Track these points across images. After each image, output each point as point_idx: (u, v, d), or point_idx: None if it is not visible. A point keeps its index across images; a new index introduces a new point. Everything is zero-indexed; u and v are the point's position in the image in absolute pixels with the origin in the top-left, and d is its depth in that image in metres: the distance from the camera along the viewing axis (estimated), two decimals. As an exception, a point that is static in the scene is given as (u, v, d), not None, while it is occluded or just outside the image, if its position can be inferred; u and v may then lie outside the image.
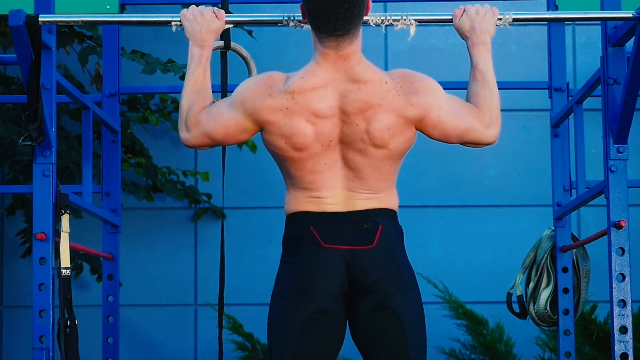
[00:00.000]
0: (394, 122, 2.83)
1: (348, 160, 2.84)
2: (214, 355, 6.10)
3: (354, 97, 2.82)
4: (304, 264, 2.82)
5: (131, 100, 6.01)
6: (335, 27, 2.79)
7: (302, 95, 2.82)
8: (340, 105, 2.82)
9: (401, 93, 2.84)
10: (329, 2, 2.76)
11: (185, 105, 2.95)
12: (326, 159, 2.84)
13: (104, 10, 4.02)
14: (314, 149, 2.82)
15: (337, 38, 2.81)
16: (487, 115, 2.95)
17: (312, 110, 2.81)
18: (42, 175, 3.52)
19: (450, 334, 5.86)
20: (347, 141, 2.83)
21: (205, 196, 6.13)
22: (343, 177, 2.85)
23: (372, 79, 2.85)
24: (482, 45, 3.03)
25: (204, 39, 3.02)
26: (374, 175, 2.85)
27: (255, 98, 2.84)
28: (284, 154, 2.85)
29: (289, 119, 2.81)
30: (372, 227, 2.83)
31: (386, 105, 2.82)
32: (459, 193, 6.25)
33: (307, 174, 2.84)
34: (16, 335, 6.23)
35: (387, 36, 6.34)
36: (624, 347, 3.49)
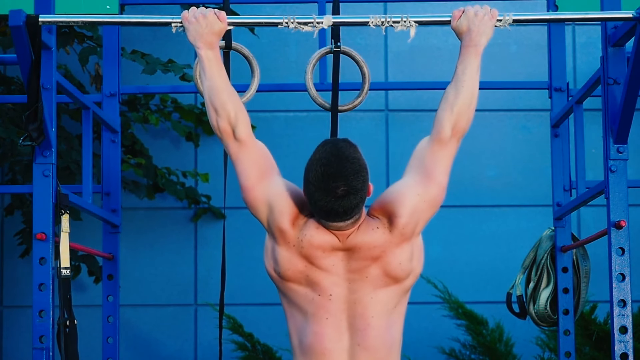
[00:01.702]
0: (403, 253, 2.85)
1: (354, 319, 2.83)
2: (214, 355, 6.11)
3: (357, 257, 2.83)
4: None
5: (131, 101, 6.01)
6: (335, 219, 2.79)
7: (310, 247, 2.82)
8: (345, 265, 2.84)
9: (392, 228, 2.84)
10: (328, 202, 2.74)
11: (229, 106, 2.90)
12: (328, 313, 2.83)
13: (104, 11, 4.02)
14: (309, 294, 2.83)
15: (338, 223, 2.81)
16: (444, 130, 2.90)
17: (312, 261, 2.83)
18: (42, 175, 3.52)
19: (450, 334, 5.87)
20: (354, 297, 2.83)
21: (204, 197, 6.13)
22: (348, 349, 2.83)
23: (365, 237, 2.83)
24: (472, 48, 3.01)
25: (210, 41, 3.00)
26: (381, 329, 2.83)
27: (283, 214, 2.84)
28: (274, 277, 2.88)
29: (289, 253, 2.83)
30: None
31: (389, 248, 2.83)
32: (459, 193, 6.25)
33: (309, 333, 2.83)
34: (16, 335, 6.23)
35: (387, 36, 6.34)
36: (624, 347, 3.49)
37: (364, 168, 2.77)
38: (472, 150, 6.14)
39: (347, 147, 2.77)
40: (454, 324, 5.78)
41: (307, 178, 2.77)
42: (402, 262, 2.84)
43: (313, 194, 2.75)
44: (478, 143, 6.23)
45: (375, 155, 6.22)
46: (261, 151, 2.93)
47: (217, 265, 6.06)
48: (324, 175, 2.73)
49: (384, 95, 6.32)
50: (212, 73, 2.94)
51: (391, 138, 6.31)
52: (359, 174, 2.75)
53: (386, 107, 6.35)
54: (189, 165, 6.24)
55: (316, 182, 2.74)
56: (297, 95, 5.82)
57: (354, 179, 2.74)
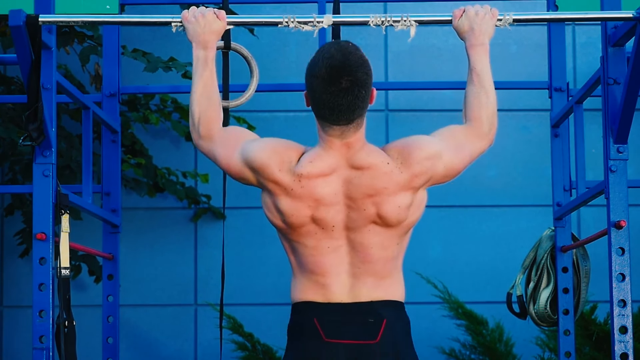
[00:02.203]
0: (404, 199, 2.82)
1: (354, 244, 2.83)
2: (214, 355, 6.11)
3: (357, 182, 2.81)
4: (306, 356, 2.80)
5: (131, 101, 6.01)
6: (338, 117, 2.77)
7: (308, 181, 2.80)
8: (345, 191, 2.81)
9: (404, 169, 2.82)
10: (332, 94, 2.74)
11: (196, 111, 2.94)
12: (329, 242, 2.82)
13: (104, 10, 4.02)
14: (312, 229, 2.82)
15: (342, 127, 2.80)
16: (483, 126, 2.96)
17: (315, 197, 2.80)
18: (42, 175, 3.52)
19: (450, 334, 5.86)
20: (353, 225, 2.82)
21: (204, 197, 6.13)
22: (348, 263, 2.83)
23: (375, 162, 2.82)
24: (480, 47, 3.03)
25: (207, 40, 3.01)
26: (381, 257, 2.83)
27: (266, 167, 2.83)
28: (280, 227, 2.86)
29: (290, 199, 2.81)
30: (376, 321, 2.81)
31: (392, 187, 2.81)
32: (459, 193, 6.25)
33: (310, 255, 2.83)
34: (16, 335, 6.24)
35: (387, 36, 6.34)
36: (624, 347, 3.49)
37: (368, 63, 2.77)
38: (472, 150, 6.12)
39: (351, 45, 2.78)
40: (454, 324, 5.78)
41: (312, 73, 2.76)
42: (400, 205, 2.81)
43: (317, 88, 2.75)
44: (478, 143, 6.22)
45: (375, 155, 6.21)
46: (226, 133, 2.94)
47: (217, 265, 6.06)
48: (329, 67, 2.73)
49: (384, 95, 6.32)
50: (195, 74, 2.98)
51: (391, 138, 6.31)
52: (363, 66, 2.75)
53: (386, 107, 6.35)
54: (189, 165, 6.24)
55: (321, 75, 2.73)
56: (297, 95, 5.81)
57: (359, 71, 2.74)
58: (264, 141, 2.89)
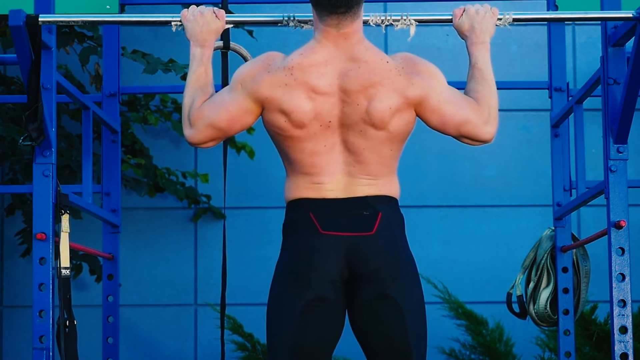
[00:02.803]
0: (395, 102, 2.82)
1: (348, 143, 2.83)
2: (214, 355, 6.10)
3: (354, 75, 2.81)
4: (303, 251, 2.80)
5: (131, 101, 6.01)
6: (337, 3, 2.78)
7: (301, 71, 2.81)
8: (340, 84, 2.82)
9: (402, 73, 2.83)
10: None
11: (187, 103, 2.96)
12: (326, 140, 2.83)
13: (104, 10, 4.02)
14: (313, 128, 2.81)
15: (339, 16, 2.80)
16: (485, 110, 2.96)
17: (310, 86, 2.81)
18: (42, 175, 3.52)
19: (450, 334, 5.86)
20: (347, 122, 2.82)
21: (204, 197, 6.13)
22: (343, 162, 2.85)
23: (373, 57, 2.83)
24: (481, 45, 3.04)
25: (205, 38, 3.03)
26: (374, 159, 2.84)
27: (254, 76, 2.85)
28: (284, 133, 2.84)
29: (289, 94, 2.81)
30: (372, 214, 2.82)
31: (387, 84, 2.81)
32: (459, 193, 6.25)
33: (306, 157, 2.83)
34: (16, 335, 6.23)
35: (387, 36, 6.34)
36: (624, 347, 3.49)
37: None
38: (471, 151, 6.13)
39: None
40: (454, 324, 5.78)
41: None
42: (391, 107, 2.81)
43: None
44: (478, 143, 6.22)
45: (375, 155, 6.22)
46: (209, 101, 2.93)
47: (217, 265, 6.07)
48: None
49: (384, 95, 6.31)
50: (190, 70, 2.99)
51: (391, 138, 6.31)
52: None
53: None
54: (189, 165, 6.24)
55: None
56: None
57: None
58: (241, 66, 2.91)
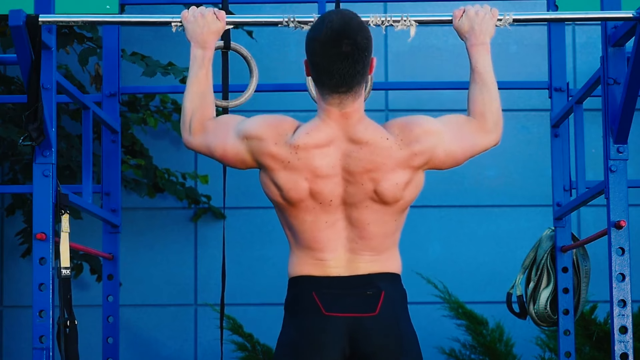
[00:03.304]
0: (402, 177, 2.81)
1: (352, 220, 2.82)
2: (214, 355, 6.11)
3: (356, 156, 2.80)
4: (306, 332, 2.79)
5: (131, 102, 6.01)
6: (338, 83, 2.77)
7: (305, 152, 2.79)
8: (342, 165, 2.81)
9: (403, 146, 2.82)
10: (332, 58, 2.74)
11: (188, 108, 2.95)
12: (327, 217, 2.82)
13: (104, 11, 4.02)
14: (310, 204, 2.81)
15: (340, 95, 2.79)
16: (488, 122, 2.95)
17: (312, 168, 2.79)
18: (42, 175, 3.52)
19: (450, 334, 5.87)
20: (351, 200, 2.81)
21: (204, 197, 6.13)
22: (345, 238, 2.83)
23: (373, 137, 2.81)
24: (481, 46, 3.03)
25: (206, 40, 3.02)
26: (378, 233, 2.83)
27: (261, 140, 2.82)
28: (279, 202, 2.85)
29: (288, 172, 2.80)
30: (374, 293, 2.81)
31: (391, 163, 2.80)
32: (459, 193, 6.25)
33: (307, 231, 2.83)
34: (16, 335, 6.23)
35: (387, 36, 6.34)
36: (624, 347, 3.49)
37: (369, 30, 2.77)
38: (472, 150, 6.12)
39: (352, 12, 2.79)
40: (454, 324, 5.78)
41: (312, 37, 2.77)
42: (398, 183, 2.80)
43: (317, 52, 2.76)
44: (478, 143, 6.23)
45: (375, 155, 6.22)
46: (217, 122, 2.92)
47: (217, 265, 6.06)
48: (330, 30, 2.73)
49: (384, 95, 6.32)
50: (190, 72, 2.98)
51: (391, 138, 6.31)
52: (364, 31, 2.75)
53: (386, 107, 6.35)
54: (189, 165, 6.24)
55: (321, 38, 2.74)
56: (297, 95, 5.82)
57: (359, 35, 2.74)
58: (257, 118, 2.87)
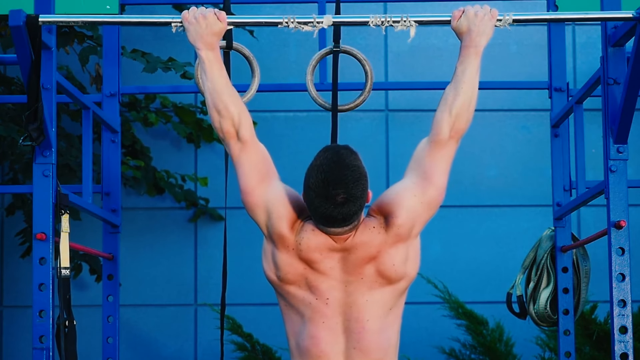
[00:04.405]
0: (398, 254, 2.85)
1: (350, 322, 2.84)
2: (214, 355, 6.10)
3: (354, 257, 2.84)
4: None
5: (132, 103, 6.01)
6: (334, 225, 2.81)
7: (308, 249, 2.85)
8: (342, 267, 2.85)
9: (388, 228, 2.86)
10: (328, 208, 2.77)
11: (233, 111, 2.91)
12: (324, 317, 2.85)
13: (104, 11, 4.02)
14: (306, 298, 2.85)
15: (336, 229, 2.83)
16: (442, 131, 2.92)
17: (312, 264, 2.85)
18: (42, 175, 3.52)
19: (450, 334, 5.86)
20: (349, 300, 2.85)
21: (203, 200, 6.12)
22: (343, 351, 2.85)
23: (364, 232, 2.85)
24: (472, 49, 3.01)
25: (210, 41, 3.00)
26: (375, 331, 2.84)
27: (281, 222, 2.87)
28: (274, 282, 2.89)
29: (289, 256, 2.85)
30: None
31: (383, 249, 2.84)
32: (459, 193, 6.25)
33: (305, 330, 2.85)
34: (16, 335, 6.23)
35: (387, 36, 6.34)
36: (624, 347, 3.49)
37: (364, 176, 2.79)
38: (472, 150, 6.14)
39: (348, 155, 2.79)
40: (454, 324, 5.78)
41: (307, 184, 2.79)
42: (395, 263, 2.85)
43: (313, 200, 2.78)
44: (478, 143, 6.23)
45: (375, 156, 6.22)
46: (262, 155, 2.94)
47: (217, 266, 6.07)
48: (324, 181, 2.75)
49: (384, 95, 6.32)
50: (212, 74, 2.94)
51: (391, 138, 6.31)
52: (358, 181, 2.77)
53: (386, 107, 6.35)
54: (189, 167, 6.24)
55: (316, 189, 2.76)
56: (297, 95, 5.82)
57: (354, 187, 2.76)
58: (290, 193, 2.89)
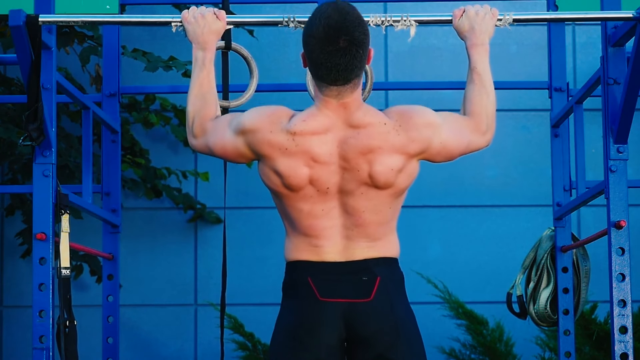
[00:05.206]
0: (397, 162, 2.82)
1: (347, 207, 2.83)
2: (214, 355, 6.10)
3: (354, 142, 2.81)
4: (302, 317, 2.83)
5: (132, 104, 6.01)
6: (336, 77, 2.78)
7: (302, 138, 2.81)
8: (340, 152, 2.82)
9: (401, 132, 2.83)
10: (330, 54, 2.74)
11: (191, 111, 2.97)
12: (323, 204, 2.83)
13: (104, 10, 4.02)
14: (309, 192, 2.82)
15: (339, 87, 2.80)
16: (484, 123, 2.98)
17: (311, 155, 2.80)
18: (42, 175, 3.52)
19: (450, 334, 5.87)
20: (347, 188, 2.82)
21: (200, 205, 6.12)
22: (341, 225, 2.84)
23: (371, 122, 2.82)
24: (480, 47, 3.03)
25: (206, 40, 3.02)
26: (373, 220, 2.84)
27: (257, 131, 2.84)
28: (279, 191, 2.85)
29: (287, 159, 2.81)
30: (370, 279, 2.82)
31: (387, 147, 2.81)
32: (459, 193, 6.25)
33: (304, 218, 2.84)
34: (16, 335, 6.23)
35: (387, 36, 6.34)
36: (624, 347, 3.49)
37: (366, 24, 2.78)
38: (472, 150, 6.12)
39: (348, 5, 2.79)
40: (454, 324, 5.78)
41: (309, 33, 2.76)
42: (393, 168, 2.81)
43: (314, 48, 2.75)
44: (478, 143, 6.23)
45: (375, 155, 6.22)
46: (216, 121, 2.93)
47: (217, 265, 6.07)
48: (326, 27, 2.73)
49: (384, 95, 6.32)
50: (192, 74, 2.99)
51: (391, 138, 6.31)
52: (361, 26, 2.76)
53: (386, 107, 6.33)
54: (188, 169, 6.23)
55: (318, 35, 2.74)
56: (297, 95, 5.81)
57: (357, 31, 2.74)
58: (250, 110, 2.89)
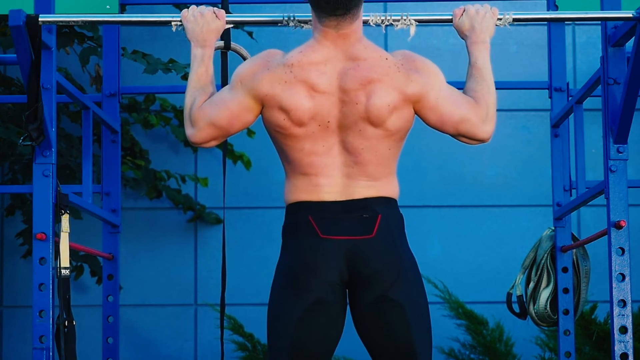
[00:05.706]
0: (393, 99, 2.82)
1: (346, 144, 2.84)
2: (214, 355, 6.10)
3: (353, 73, 2.82)
4: (302, 255, 2.81)
5: (132, 105, 6.01)
6: (335, 6, 2.79)
7: (300, 69, 2.82)
8: (339, 83, 2.82)
9: (402, 70, 2.85)
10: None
11: (188, 102, 2.97)
12: (324, 141, 2.83)
13: (104, 10, 4.02)
14: (311, 127, 2.82)
15: (338, 17, 2.82)
16: (484, 109, 2.97)
17: (310, 84, 2.81)
18: (42, 175, 3.52)
19: (450, 334, 5.86)
20: (346, 123, 2.82)
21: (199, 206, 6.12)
22: (342, 163, 2.85)
23: (372, 55, 2.85)
24: (481, 44, 3.04)
25: (205, 38, 3.04)
26: (372, 159, 2.85)
27: (253, 73, 2.86)
28: (284, 132, 2.85)
29: (288, 91, 2.82)
30: (371, 217, 2.83)
31: (386, 81, 2.82)
32: (459, 193, 6.25)
33: (305, 156, 2.84)
34: (16, 335, 6.23)
35: (387, 36, 6.34)
36: (624, 347, 3.49)
37: None
38: (472, 150, 6.13)
39: None
40: (454, 324, 5.78)
41: None
42: (389, 104, 2.82)
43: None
44: (478, 143, 6.23)
45: (375, 155, 6.22)
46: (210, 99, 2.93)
47: (217, 266, 6.07)
48: None
49: (384, 95, 6.31)
50: (190, 71, 3.00)
51: (391, 138, 6.31)
52: None
53: (386, 107, 6.34)
54: (188, 169, 6.23)
55: None
56: (297, 95, 5.81)
57: None
58: (240, 65, 2.91)
